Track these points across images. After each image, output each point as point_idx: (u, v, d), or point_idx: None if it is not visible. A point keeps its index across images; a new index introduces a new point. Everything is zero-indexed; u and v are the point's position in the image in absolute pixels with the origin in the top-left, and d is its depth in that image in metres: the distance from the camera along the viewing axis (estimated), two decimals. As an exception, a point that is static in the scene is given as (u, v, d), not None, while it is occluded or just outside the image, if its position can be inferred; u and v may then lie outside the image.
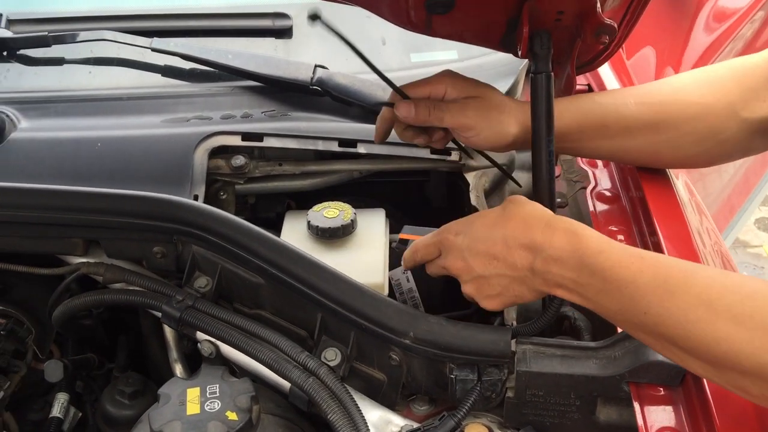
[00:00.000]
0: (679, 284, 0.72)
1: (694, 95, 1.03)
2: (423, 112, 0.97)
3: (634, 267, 0.75)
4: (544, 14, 0.89)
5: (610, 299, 0.77)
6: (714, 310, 0.69)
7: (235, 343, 0.98)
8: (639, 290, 0.74)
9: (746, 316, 0.68)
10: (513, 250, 0.83)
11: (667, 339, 0.73)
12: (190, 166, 1.15)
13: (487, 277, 0.85)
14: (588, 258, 0.78)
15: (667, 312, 0.72)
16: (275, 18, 1.43)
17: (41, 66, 1.37)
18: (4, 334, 1.18)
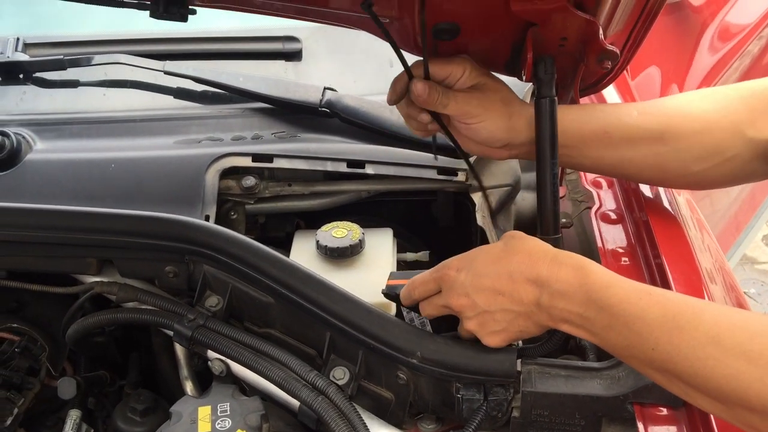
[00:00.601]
0: (687, 321, 0.73)
1: (699, 110, 1.01)
2: (434, 95, 0.96)
3: (642, 303, 0.75)
4: (548, 40, 0.91)
5: (618, 335, 0.77)
6: (723, 347, 0.70)
7: (245, 361, 0.99)
8: (647, 326, 0.74)
9: (756, 354, 0.68)
10: (519, 284, 0.82)
11: (676, 375, 0.73)
12: (201, 187, 1.17)
13: (491, 313, 0.85)
14: (595, 293, 0.78)
15: (676, 349, 0.72)
16: (285, 41, 1.46)
17: (57, 88, 1.40)
18: (18, 352, 1.20)
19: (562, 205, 1.14)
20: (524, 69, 0.93)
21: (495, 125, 0.98)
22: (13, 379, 1.18)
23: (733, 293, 1.15)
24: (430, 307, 0.93)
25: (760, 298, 3.33)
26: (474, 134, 1.00)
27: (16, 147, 1.21)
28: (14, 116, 1.32)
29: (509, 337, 0.87)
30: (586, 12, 0.86)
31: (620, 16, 0.92)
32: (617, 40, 1.00)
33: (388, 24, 0.94)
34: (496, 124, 0.98)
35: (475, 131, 0.99)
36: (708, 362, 0.70)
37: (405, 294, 0.96)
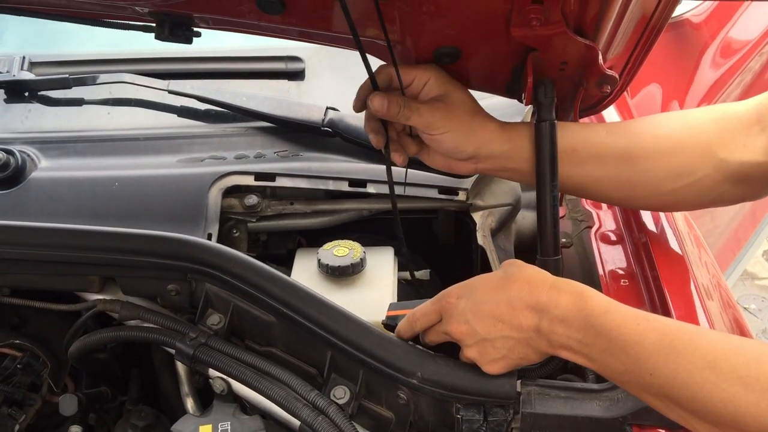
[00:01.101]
0: (684, 346, 0.73)
1: (668, 130, 1.00)
2: (394, 108, 0.95)
3: (639, 328, 0.76)
4: (548, 65, 0.92)
5: (616, 360, 0.77)
6: (720, 371, 0.70)
7: (247, 380, 1.00)
8: (645, 351, 0.75)
9: (752, 378, 0.69)
10: (518, 311, 0.83)
11: (673, 400, 0.74)
12: (204, 205, 1.18)
13: (491, 340, 0.85)
14: (594, 318, 0.79)
15: (674, 373, 0.73)
16: (288, 61, 1.48)
17: (61, 107, 1.42)
18: (20, 368, 1.21)
19: (561, 224, 1.15)
20: (524, 92, 0.94)
21: (460, 136, 0.97)
22: (15, 396, 1.19)
23: (730, 310, 1.16)
24: (431, 335, 0.94)
25: (760, 314, 3.33)
26: (438, 145, 0.99)
27: (20, 165, 1.22)
28: (19, 134, 1.33)
29: (509, 365, 0.87)
30: (585, 37, 0.87)
31: (620, 40, 0.93)
32: (617, 64, 1.01)
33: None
34: (461, 135, 0.97)
35: (439, 142, 0.98)
36: (705, 386, 0.71)
37: (406, 327, 0.96)
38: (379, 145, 1.02)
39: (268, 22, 0.93)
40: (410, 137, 1.04)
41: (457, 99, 0.97)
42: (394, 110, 0.95)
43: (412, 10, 0.83)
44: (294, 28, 0.95)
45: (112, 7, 0.97)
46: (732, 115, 0.98)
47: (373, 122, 1.01)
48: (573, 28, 0.85)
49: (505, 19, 0.83)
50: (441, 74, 0.97)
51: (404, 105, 0.95)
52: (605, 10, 0.83)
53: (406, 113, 0.95)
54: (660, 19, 0.92)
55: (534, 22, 0.81)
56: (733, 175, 0.97)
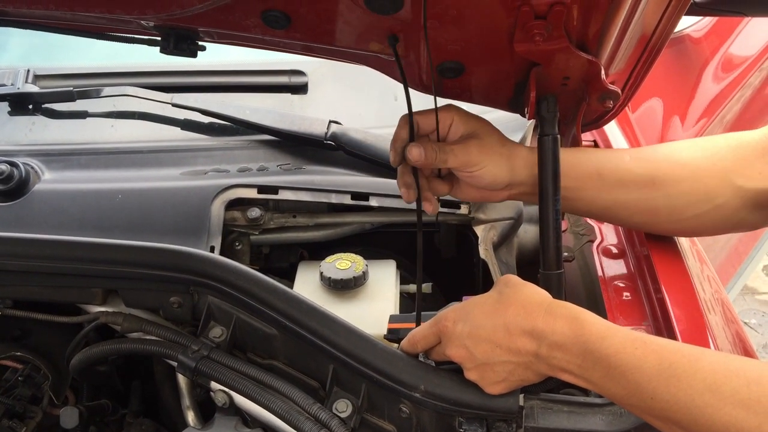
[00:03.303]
0: (684, 369, 0.74)
1: (688, 157, 1.03)
2: (431, 155, 0.97)
3: (638, 352, 0.77)
4: (551, 80, 0.92)
5: (616, 384, 0.78)
6: (721, 395, 0.71)
7: (249, 393, 1.00)
8: (644, 376, 0.75)
9: (753, 401, 0.69)
10: (515, 337, 0.83)
11: (676, 423, 0.74)
12: (207, 218, 1.19)
13: (491, 365, 0.86)
14: (591, 344, 0.79)
15: (674, 398, 0.73)
16: (292, 75, 1.49)
17: (65, 119, 1.42)
18: (21, 380, 1.21)
19: (564, 238, 1.15)
20: (527, 107, 0.94)
21: (497, 168, 0.99)
22: (16, 408, 1.19)
23: (733, 325, 1.16)
24: (434, 355, 0.94)
25: (761, 328, 3.33)
26: (477, 181, 1.01)
27: (24, 177, 1.23)
28: (23, 146, 1.34)
29: (510, 387, 0.88)
30: (588, 53, 0.87)
31: (622, 56, 0.94)
32: (619, 79, 1.02)
33: (394, 62, 0.95)
34: (498, 167, 0.99)
35: (479, 178, 1.00)
36: (706, 410, 0.71)
37: (407, 347, 0.96)
38: (411, 198, 1.03)
39: (273, 37, 0.94)
40: (440, 179, 1.05)
41: (486, 132, 1.00)
42: (431, 157, 0.97)
43: (415, 26, 0.84)
44: (298, 42, 0.95)
45: (117, 20, 0.98)
46: (749, 143, 1.01)
47: (407, 176, 1.03)
48: (575, 43, 0.86)
49: (508, 34, 0.84)
50: (461, 112, 1.00)
51: (439, 150, 0.97)
52: (607, 26, 0.83)
53: (442, 157, 0.97)
54: (662, 35, 0.93)
55: (537, 38, 0.82)
56: (750, 201, 1.00)
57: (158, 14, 0.92)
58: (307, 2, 0.85)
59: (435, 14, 0.81)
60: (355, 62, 1.01)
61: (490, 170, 0.99)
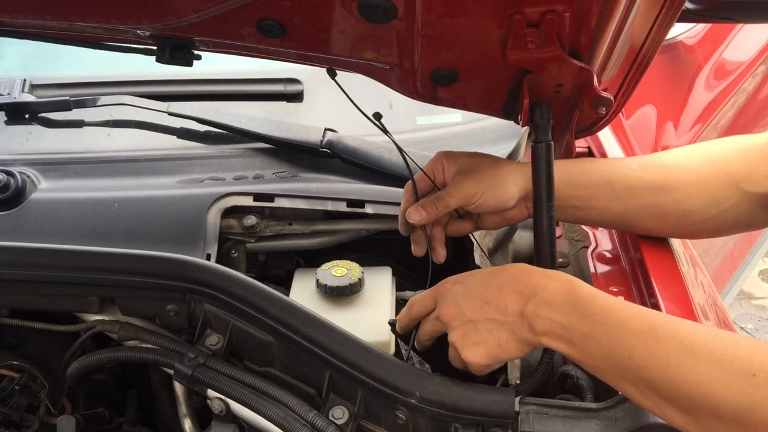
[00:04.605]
0: (665, 331, 0.76)
1: (695, 162, 1.06)
2: (431, 209, 1.01)
3: (624, 313, 0.79)
4: (544, 87, 0.93)
5: (596, 343, 0.79)
6: (697, 355, 0.72)
7: (245, 401, 1.00)
8: (626, 334, 0.77)
9: (727, 362, 0.71)
10: (506, 294, 0.85)
11: (648, 385, 0.75)
12: (203, 226, 1.19)
13: (476, 322, 0.87)
14: (581, 302, 0.81)
15: (652, 356, 0.74)
16: (287, 83, 1.49)
17: (62, 128, 1.43)
18: (18, 389, 1.21)
19: (558, 244, 1.15)
20: (521, 114, 0.95)
21: (496, 190, 1.01)
22: (13, 417, 1.19)
23: (727, 329, 1.16)
24: (425, 324, 0.96)
25: (757, 333, 3.33)
26: (485, 208, 1.03)
27: (20, 186, 1.23)
28: (20, 156, 1.34)
29: (488, 352, 0.87)
30: (580, 60, 0.88)
31: (614, 63, 0.95)
32: (612, 86, 1.02)
33: (388, 70, 0.96)
34: (496, 188, 1.01)
35: (484, 205, 1.02)
36: (681, 369, 0.72)
37: (405, 313, 0.98)
38: (419, 253, 1.07)
39: (268, 46, 0.94)
40: (461, 219, 1.09)
41: (474, 163, 1.03)
42: (432, 210, 1.01)
43: (409, 34, 0.85)
44: (293, 51, 0.96)
45: (113, 30, 0.98)
46: (755, 147, 1.03)
47: (417, 236, 1.07)
48: (568, 50, 0.86)
49: (501, 42, 0.84)
50: (448, 154, 1.04)
51: (437, 199, 1.01)
52: (600, 33, 0.84)
53: (443, 204, 1.01)
54: (654, 41, 0.94)
55: (530, 45, 0.82)
56: (757, 203, 1.02)
57: (154, 24, 0.92)
58: (302, 12, 0.85)
59: (428, 23, 0.82)
60: (350, 70, 1.02)
61: (490, 194, 1.01)
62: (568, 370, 1.02)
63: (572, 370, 1.01)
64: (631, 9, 0.82)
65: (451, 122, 1.44)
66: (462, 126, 1.43)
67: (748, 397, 0.68)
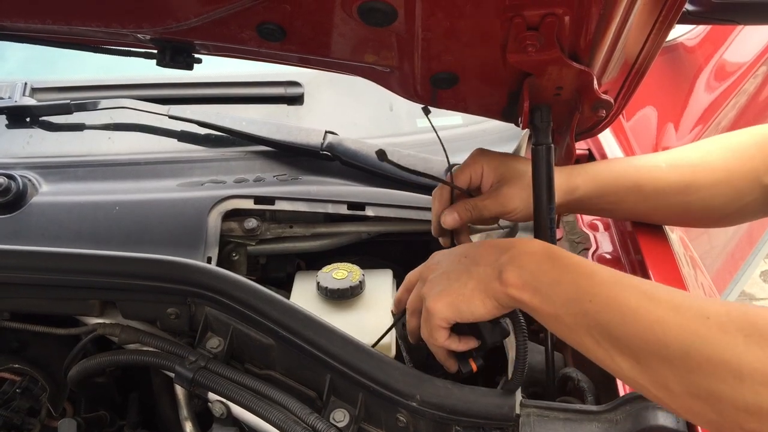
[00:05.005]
0: (630, 281, 0.77)
1: (721, 160, 1.08)
2: (465, 215, 1.02)
3: (594, 266, 0.81)
4: (544, 89, 0.93)
5: (561, 288, 0.79)
6: (657, 301, 0.73)
7: (246, 404, 1.00)
8: (592, 281, 0.78)
9: (684, 307, 0.72)
10: (485, 248, 0.87)
11: (603, 330, 0.75)
12: (204, 229, 1.19)
13: (448, 272, 0.88)
14: (555, 256, 0.82)
15: (612, 300, 0.75)
16: (287, 86, 1.50)
17: (63, 132, 1.43)
18: (19, 392, 1.21)
19: (559, 246, 1.15)
20: (521, 117, 0.95)
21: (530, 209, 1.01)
22: (14, 420, 1.19)
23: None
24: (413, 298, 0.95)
25: (759, 335, 3.32)
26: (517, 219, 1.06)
27: (21, 189, 1.23)
28: (20, 159, 1.34)
29: (452, 301, 0.86)
30: (580, 62, 0.88)
31: (614, 65, 0.95)
32: (612, 88, 1.02)
33: (388, 73, 0.96)
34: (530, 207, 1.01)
35: (521, 218, 1.05)
36: (638, 311, 0.73)
37: (401, 289, 1.00)
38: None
39: (268, 49, 0.94)
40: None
41: (514, 173, 1.03)
42: (465, 216, 1.02)
43: (409, 37, 0.85)
44: (293, 54, 0.96)
45: (114, 34, 0.98)
46: None
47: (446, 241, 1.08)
48: (568, 53, 0.86)
49: (501, 45, 0.84)
50: (489, 159, 1.04)
51: (473, 208, 1.02)
52: (600, 36, 0.84)
53: (477, 214, 1.03)
54: (654, 44, 0.94)
55: (529, 48, 0.83)
56: None
57: (154, 27, 0.93)
58: (302, 15, 0.86)
59: (428, 26, 0.82)
60: (351, 73, 1.02)
61: (526, 209, 1.02)
62: (569, 372, 1.02)
63: (573, 372, 1.01)
64: (631, 12, 0.82)
65: (452, 125, 1.44)
66: (462, 128, 1.44)
67: (698, 336, 0.69)
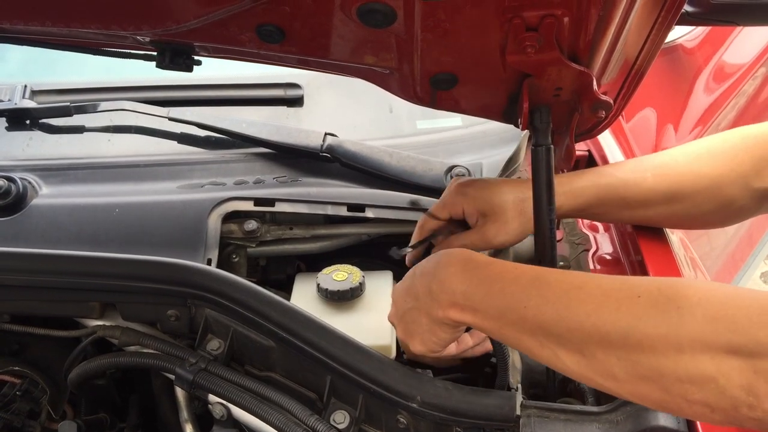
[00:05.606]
0: (555, 277, 0.78)
1: (708, 166, 1.07)
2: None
3: (517, 271, 0.81)
4: (543, 90, 0.93)
5: (495, 300, 0.80)
6: (586, 290, 0.74)
7: (246, 406, 1.00)
8: (520, 287, 0.79)
9: (615, 290, 0.72)
10: (416, 279, 0.89)
11: (544, 330, 0.76)
12: (204, 231, 1.19)
13: (403, 315, 0.91)
14: (476, 269, 0.83)
15: (544, 299, 0.76)
16: (287, 88, 1.50)
17: (63, 134, 1.43)
18: (19, 395, 1.21)
19: (559, 247, 1.16)
20: (521, 118, 0.95)
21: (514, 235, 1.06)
22: (14, 423, 1.19)
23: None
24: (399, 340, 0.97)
25: (759, 336, 3.32)
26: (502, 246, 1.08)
27: (21, 192, 1.24)
28: (20, 161, 1.34)
29: (422, 340, 0.90)
30: (580, 63, 0.88)
31: (614, 66, 0.95)
32: (611, 89, 1.02)
33: (388, 75, 0.96)
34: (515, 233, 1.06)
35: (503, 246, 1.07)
36: (572, 304, 0.74)
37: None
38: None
39: (268, 51, 0.94)
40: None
41: (495, 209, 1.04)
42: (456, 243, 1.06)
43: (408, 39, 0.85)
44: (293, 56, 0.96)
45: (113, 36, 0.98)
46: (764, 142, 1.04)
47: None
48: (567, 54, 0.87)
49: (500, 46, 0.85)
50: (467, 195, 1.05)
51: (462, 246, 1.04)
52: (599, 36, 0.84)
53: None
54: (653, 45, 0.94)
55: (529, 49, 0.83)
56: (761, 196, 1.04)
57: (154, 29, 0.93)
58: (301, 17, 0.86)
59: (428, 27, 0.82)
60: (350, 75, 1.02)
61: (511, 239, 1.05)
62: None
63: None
64: (630, 13, 0.82)
65: (452, 126, 1.44)
66: (462, 130, 1.44)
67: (633, 315, 0.69)
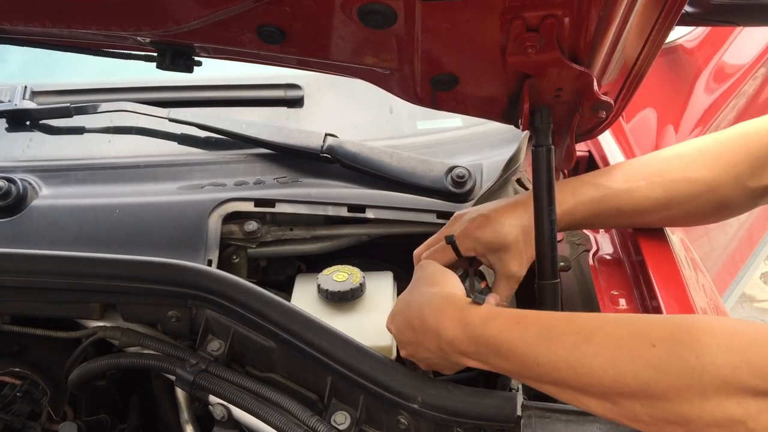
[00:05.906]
0: (560, 330, 0.78)
1: (702, 170, 1.05)
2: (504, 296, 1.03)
3: (519, 327, 0.81)
4: (544, 91, 0.93)
5: (507, 361, 0.81)
6: (596, 342, 0.74)
7: (247, 406, 1.00)
8: (527, 345, 0.79)
9: (626, 340, 0.72)
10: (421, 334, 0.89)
11: (563, 383, 0.77)
12: (204, 232, 1.19)
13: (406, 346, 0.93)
14: (476, 330, 0.83)
15: (555, 356, 0.76)
16: (287, 88, 1.49)
17: (63, 135, 1.43)
18: (20, 396, 1.21)
19: (559, 248, 1.15)
20: (521, 118, 0.95)
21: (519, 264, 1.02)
22: (15, 424, 1.19)
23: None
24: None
25: (760, 336, 3.32)
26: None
27: (22, 193, 1.23)
28: (21, 163, 1.34)
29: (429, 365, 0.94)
30: (580, 64, 0.88)
31: (614, 66, 0.95)
32: (612, 89, 1.02)
33: (388, 75, 0.96)
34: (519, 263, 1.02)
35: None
36: (585, 359, 0.74)
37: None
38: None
39: (268, 51, 0.94)
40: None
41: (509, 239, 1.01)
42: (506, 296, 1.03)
43: (409, 40, 0.85)
44: (293, 57, 0.96)
45: (114, 37, 0.98)
46: (762, 142, 1.03)
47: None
48: (568, 55, 0.86)
49: (501, 47, 0.84)
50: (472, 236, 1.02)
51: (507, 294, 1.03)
52: (599, 37, 0.84)
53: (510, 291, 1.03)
54: (653, 45, 0.94)
55: (529, 50, 0.83)
56: (756, 194, 1.04)
57: (154, 30, 0.93)
58: (301, 18, 0.86)
59: (428, 28, 0.82)
60: (351, 76, 1.02)
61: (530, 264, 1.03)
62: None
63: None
64: (631, 13, 0.82)
65: (452, 127, 1.44)
66: (463, 130, 1.43)
67: (652, 366, 0.69)
